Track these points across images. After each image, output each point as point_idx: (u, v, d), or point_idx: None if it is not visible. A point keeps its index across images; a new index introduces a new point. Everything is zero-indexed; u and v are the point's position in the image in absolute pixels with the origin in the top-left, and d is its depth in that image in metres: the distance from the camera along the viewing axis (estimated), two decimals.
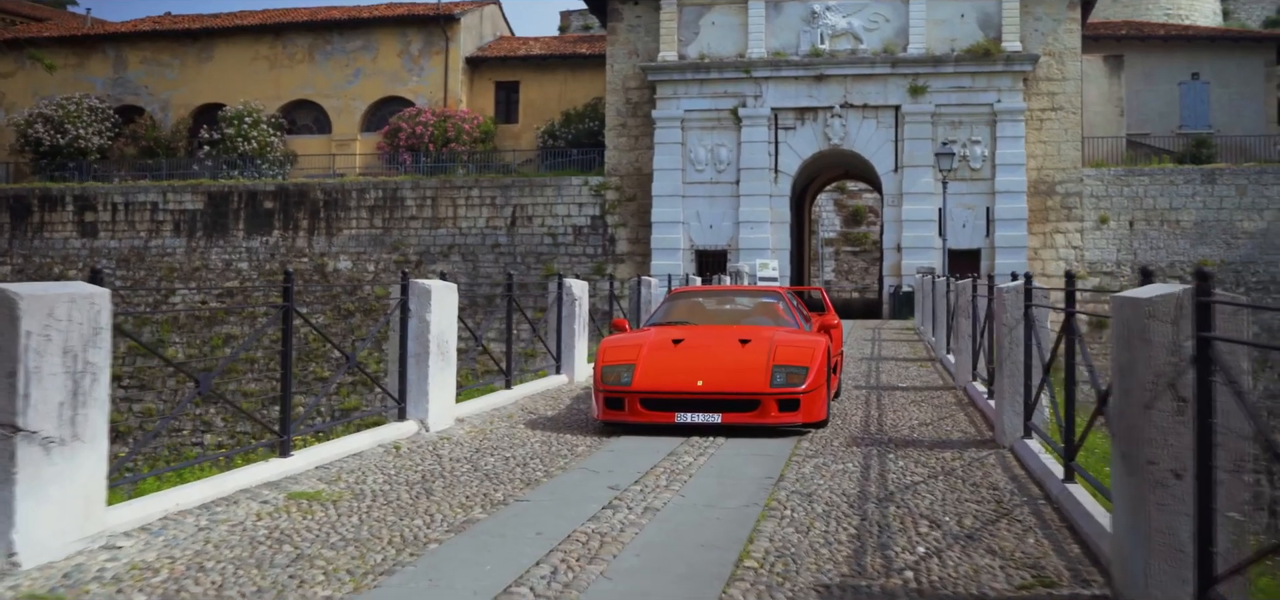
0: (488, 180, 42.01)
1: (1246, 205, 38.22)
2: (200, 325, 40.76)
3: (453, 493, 7.60)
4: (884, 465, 8.82)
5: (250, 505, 6.96)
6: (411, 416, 10.38)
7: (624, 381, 10.65)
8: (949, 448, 9.76)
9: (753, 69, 38.74)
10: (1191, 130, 44.26)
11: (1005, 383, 9.56)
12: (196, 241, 42.88)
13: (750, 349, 11.00)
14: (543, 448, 9.74)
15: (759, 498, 7.41)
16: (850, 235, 61.09)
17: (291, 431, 8.33)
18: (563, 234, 41.05)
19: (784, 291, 14.21)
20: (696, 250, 39.05)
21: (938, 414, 12.17)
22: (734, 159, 39.05)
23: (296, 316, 8.59)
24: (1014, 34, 37.94)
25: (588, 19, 71.05)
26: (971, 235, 37.51)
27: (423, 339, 10.39)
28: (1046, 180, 38.34)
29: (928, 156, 37.78)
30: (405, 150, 44.25)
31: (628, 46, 40.89)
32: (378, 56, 47.24)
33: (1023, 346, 9.43)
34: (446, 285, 10.86)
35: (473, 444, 9.86)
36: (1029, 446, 8.98)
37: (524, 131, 47.23)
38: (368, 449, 9.27)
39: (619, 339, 11.91)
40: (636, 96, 40.65)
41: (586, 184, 41.05)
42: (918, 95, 38.11)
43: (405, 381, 10.38)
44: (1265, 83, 46.03)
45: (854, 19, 38.79)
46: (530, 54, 48.54)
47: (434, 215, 41.73)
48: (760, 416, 10.38)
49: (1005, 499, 7.49)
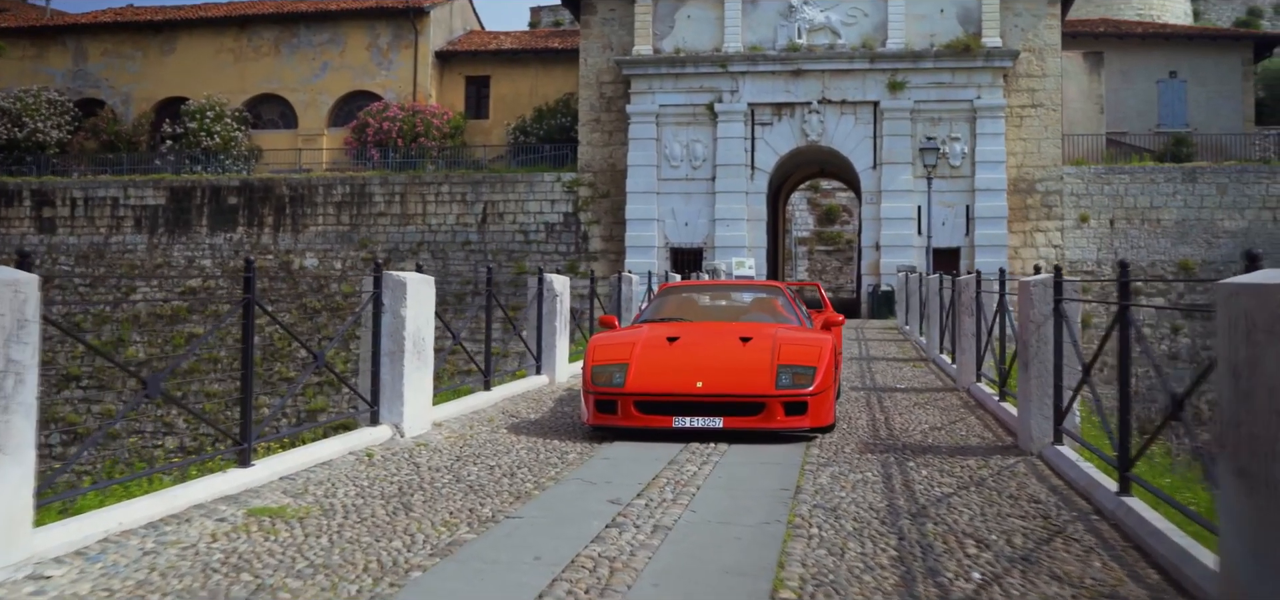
0: (458, 176, 41.09)
1: (1227, 204, 37.81)
2: (162, 324, 39.65)
3: (435, 508, 6.77)
4: (906, 475, 8.05)
5: (205, 524, 6.11)
6: (385, 420, 9.54)
7: (616, 383, 9.80)
8: (970, 454, 9.00)
9: (729, 64, 37.97)
10: (1169, 129, 43.90)
11: (1032, 384, 8.80)
12: (158, 238, 41.76)
13: (752, 348, 10.18)
14: (530, 455, 8.92)
15: (778, 513, 6.61)
16: (824, 234, 60.45)
17: (253, 438, 7.48)
18: (535, 231, 40.18)
19: (784, 286, 13.39)
20: (671, 248, 38.25)
21: (947, 417, 11.42)
22: (710, 155, 38.26)
23: (260, 311, 7.74)
24: (994, 29, 37.34)
25: (558, 15, 70.32)
26: (951, 234, 36.87)
27: (397, 336, 9.55)
28: (1026, 178, 37.76)
29: (907, 153, 37.15)
30: (373, 146, 43.25)
31: (602, 40, 40.06)
32: (345, 50, 46.23)
33: (1053, 344, 8.68)
34: (423, 278, 10.02)
35: (452, 451, 9.03)
36: (1062, 454, 8.23)
37: (495, 127, 46.34)
38: (337, 457, 8.43)
39: (609, 337, 11.03)
40: (610, 91, 39.84)
41: (559, 180, 40.21)
42: (897, 91, 37.45)
43: (378, 383, 9.53)
44: (1242, 81, 45.77)
45: (832, 13, 38.08)
46: (501, 48, 47.65)
47: (403, 212, 40.79)
48: (765, 421, 9.56)
49: (1051, 514, 6.72)
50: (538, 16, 72.30)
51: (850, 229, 58.17)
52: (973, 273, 21.11)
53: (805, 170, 46.11)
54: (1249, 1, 77.36)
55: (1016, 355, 9.36)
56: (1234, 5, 77.36)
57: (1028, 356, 8.89)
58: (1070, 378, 8.64)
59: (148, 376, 6.08)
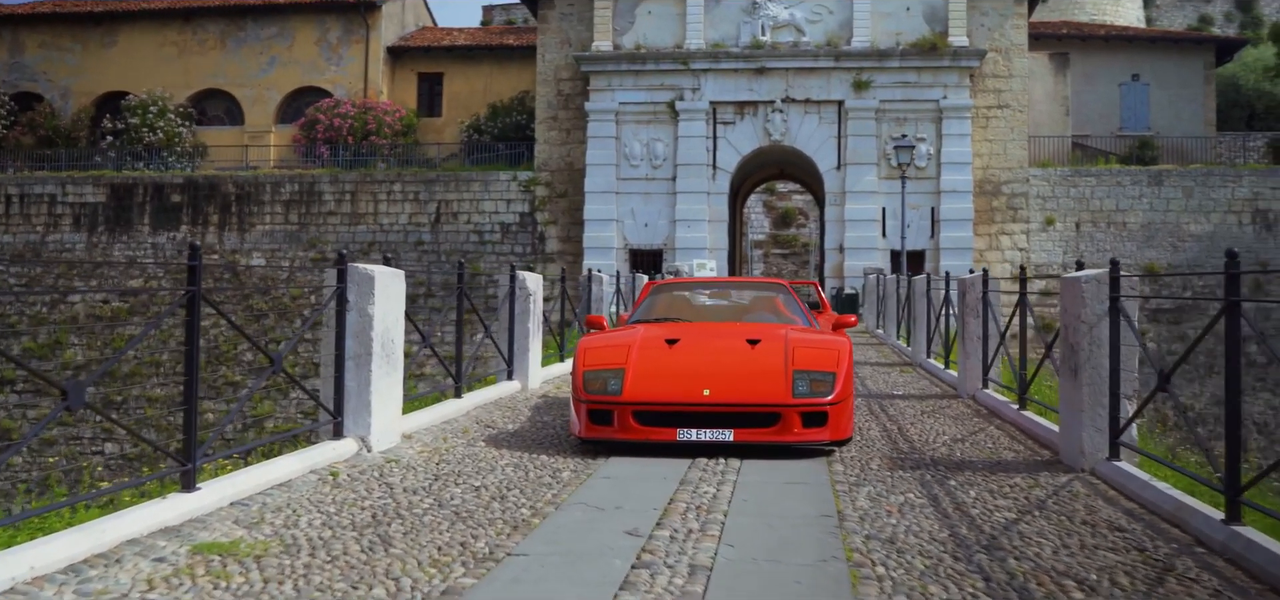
0: (410, 175, 39.87)
1: (1193, 208, 37.37)
2: (102, 326, 38.10)
3: (418, 542, 5.67)
4: (953, 496, 7.05)
5: (139, 565, 4.98)
6: (350, 433, 8.41)
7: (612, 391, 8.69)
8: (1011, 471, 8.01)
9: (691, 61, 36.99)
10: (1131, 132, 43.47)
11: (1083, 393, 7.82)
12: (98, 236, 40.19)
13: (762, 351, 9.10)
14: (518, 473, 7.82)
15: (832, 548, 5.57)
16: (779, 237, 59.54)
17: (198, 457, 6.35)
18: (490, 231, 39.03)
19: (787, 284, 12.33)
20: (630, 249, 37.20)
21: (963, 427, 10.45)
22: (671, 154, 37.26)
23: (207, 308, 6.61)
24: (961, 29, 36.61)
25: (512, 13, 69.17)
26: (916, 235, 36.05)
27: (364, 338, 8.44)
28: (992, 180, 37.08)
29: (871, 154, 36.37)
30: (323, 143, 41.90)
31: (559, 36, 38.97)
32: (294, 45, 44.82)
33: (1109, 348, 7.73)
34: (392, 272, 8.92)
35: (428, 469, 7.92)
36: (1125, 471, 7.27)
37: (448, 125, 45.12)
38: (297, 477, 7.30)
39: (600, 339, 9.89)
40: (568, 88, 38.76)
41: (515, 179, 39.07)
42: (861, 90, 36.63)
43: (342, 390, 8.40)
44: (1204, 85, 45.41)
45: (796, 11, 37.19)
46: (454, 45, 46.43)
47: (353, 211, 39.50)
48: (780, 433, 8.49)
49: (1145, 546, 5.72)
50: (490, 14, 71.10)
51: (806, 232, 57.40)
52: (939, 275, 20.32)
53: (765, 172, 45.23)
54: (1201, 8, 77.58)
55: (1021, 357, 8.35)
56: (1186, 12, 77.54)
57: (1078, 361, 7.91)
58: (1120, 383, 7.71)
59: (68, 384, 4.95)
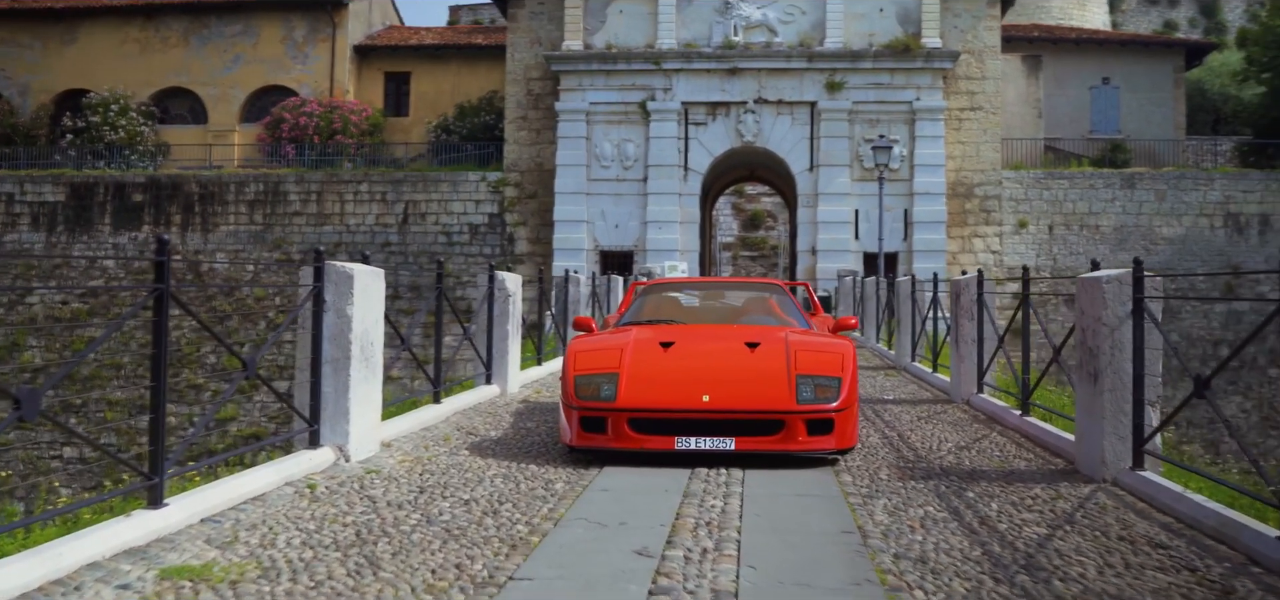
0: (377, 175, 39.25)
1: (1165, 211, 37.28)
2: (61, 328, 37.27)
3: (410, 564, 5.18)
4: (974, 508, 6.63)
5: (101, 592, 4.47)
6: (327, 441, 7.90)
7: (605, 397, 8.22)
8: (1027, 481, 7.60)
9: (662, 61, 36.56)
10: (1102, 135, 43.42)
11: (1104, 400, 7.42)
12: (57, 236, 39.34)
13: (762, 354, 8.65)
14: (508, 485, 7.34)
15: (862, 569, 5.13)
16: (748, 239, 59.14)
17: (166, 470, 5.84)
18: (458, 232, 38.47)
19: (783, 284, 11.88)
20: (601, 251, 36.71)
21: (964, 434, 10.04)
22: (642, 155, 36.80)
23: (175, 307, 6.10)
24: (934, 30, 36.34)
25: (479, 13, 68.55)
26: (890, 238, 35.61)
27: (342, 340, 7.94)
28: (965, 182, 36.84)
29: (844, 155, 36.05)
30: (288, 142, 41.19)
31: (530, 35, 38.45)
32: (259, 43, 44.10)
33: (1131, 352, 7.33)
34: (371, 271, 8.44)
35: (412, 481, 7.43)
36: (1154, 482, 6.87)
37: (415, 125, 44.52)
38: (272, 490, 6.80)
39: (591, 342, 9.39)
40: (539, 88, 38.24)
41: (484, 180, 38.52)
42: (835, 92, 36.29)
43: (319, 396, 7.89)
44: (1173, 89, 45.45)
45: (769, 11, 36.82)
46: (422, 44, 45.83)
47: (319, 211, 38.84)
48: (784, 442, 8.05)
49: (1194, 564, 5.31)
50: (457, 14, 70.46)
51: (775, 234, 57.07)
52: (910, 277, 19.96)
53: (735, 173, 44.84)
54: (1166, 13, 77.80)
55: (1023, 361, 7.93)
56: (1151, 17, 77.74)
57: (1098, 366, 7.51)
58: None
59: (21, 392, 4.44)
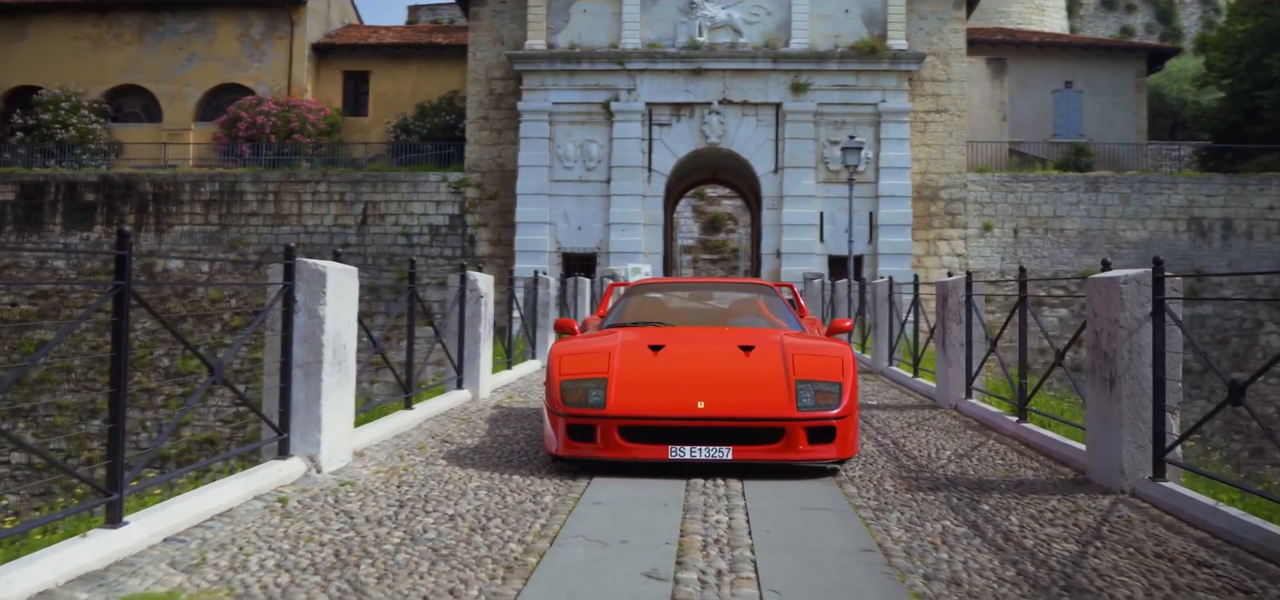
0: (336, 175, 38.60)
1: (1129, 214, 37.26)
2: (9, 331, 36.39)
3: (397, 589, 4.74)
4: (995, 523, 6.27)
5: None
6: (297, 451, 7.45)
7: (593, 403, 7.80)
8: (1042, 492, 7.25)
9: (626, 61, 36.16)
10: (1064, 138, 43.43)
11: (1122, 407, 7.08)
12: (6, 236, 38.45)
13: (758, 359, 8.25)
14: (493, 498, 6.90)
15: (894, 594, 4.75)
16: (709, 242, 58.75)
17: (126, 485, 5.37)
18: (418, 234, 37.89)
19: (773, 285, 11.46)
20: (563, 253, 36.23)
21: (960, 441, 9.70)
22: (605, 156, 36.37)
23: (136, 306, 5.63)
24: (900, 32, 36.15)
25: (438, 13, 67.85)
26: (855, 240, 35.40)
27: (314, 342, 7.49)
28: (930, 185, 36.67)
29: (809, 157, 35.78)
30: (245, 142, 40.50)
31: (492, 34, 37.95)
32: (215, 40, 43.35)
33: (1151, 356, 7.00)
34: (344, 269, 7.99)
35: (390, 493, 6.98)
36: (1180, 494, 6.54)
37: (374, 125, 43.92)
38: (240, 504, 6.33)
39: (576, 345, 8.95)
40: (501, 87, 37.75)
41: (445, 181, 37.97)
42: (800, 93, 36.01)
43: (289, 403, 7.43)
44: (1135, 93, 45.54)
45: (734, 11, 36.51)
46: (382, 43, 45.24)
47: (277, 212, 38.15)
48: (784, 451, 7.66)
49: (1247, 585, 4.96)
50: (416, 14, 69.70)
51: (736, 237, 56.75)
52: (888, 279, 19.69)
53: (697, 175, 44.50)
54: (1123, 19, 78.15)
55: (1020, 366, 7.58)
56: (1109, 23, 78.08)
57: (1115, 371, 7.18)
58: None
59: None
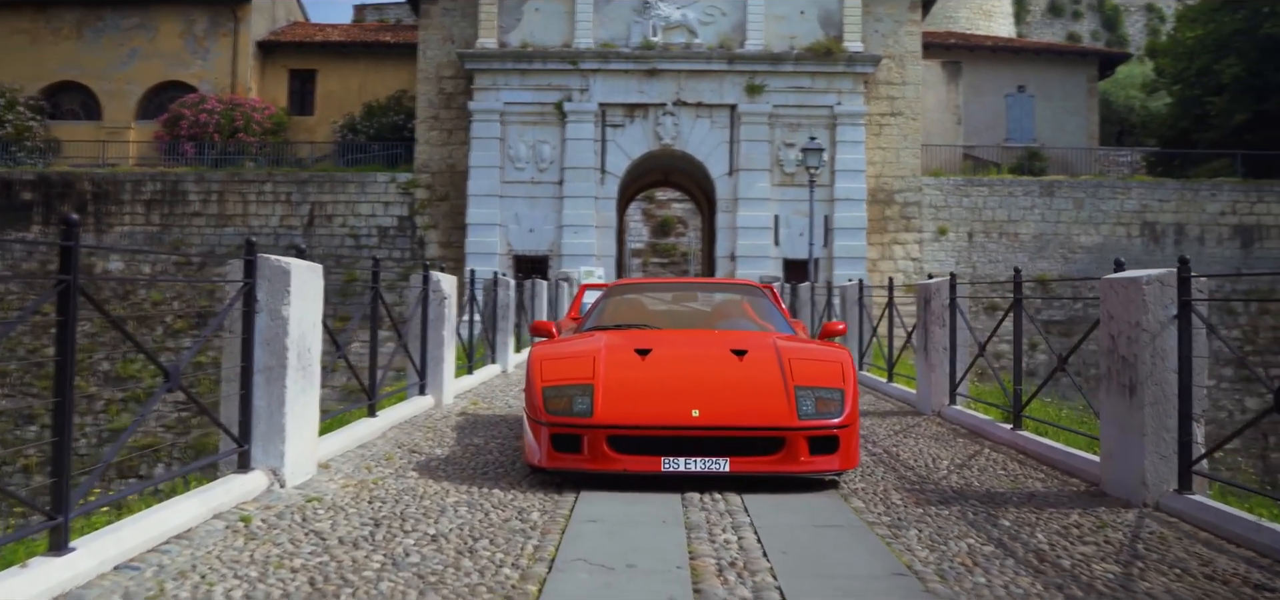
0: (282, 175, 37.74)
1: (1083, 219, 37.23)
2: None
3: None
4: (1022, 541, 5.79)
5: None
6: (258, 464, 6.84)
7: (579, 411, 7.23)
8: (1059, 506, 6.77)
9: (579, 60, 35.62)
10: (1017, 143, 43.39)
11: (1146, 415, 6.64)
12: None
13: (752, 363, 7.73)
14: (475, 515, 6.31)
15: None
16: (659, 246, 58.35)
17: (71, 506, 4.76)
18: (366, 235, 37.13)
19: (762, 286, 10.88)
20: (515, 255, 35.60)
21: (953, 450, 9.24)
22: (558, 157, 35.81)
23: (85, 304, 5.04)
24: (855, 34, 35.86)
25: (384, 13, 66.90)
26: (808, 244, 35.07)
27: (277, 346, 6.88)
28: (885, 188, 36.42)
29: (764, 160, 35.41)
30: (187, 140, 39.53)
31: (442, 32, 37.28)
32: (157, 36, 42.33)
33: (1176, 361, 6.57)
34: (309, 266, 7.38)
35: (361, 510, 6.38)
36: (1215, 508, 6.10)
37: (320, 124, 43.08)
38: (199, 524, 5.72)
39: (557, 349, 8.38)
40: (451, 87, 37.09)
41: (394, 181, 37.25)
42: (755, 95, 35.62)
43: (250, 411, 6.83)
44: (1087, 98, 45.63)
45: (689, 11, 36.06)
46: (328, 41, 44.43)
47: (221, 212, 37.22)
48: (784, 462, 7.13)
49: None
50: (362, 13, 68.71)
51: (685, 241, 56.42)
52: (835, 284, 19.36)
53: (650, 177, 44.03)
54: (1069, 26, 78.67)
55: (1015, 370, 7.13)
56: (1055, 29, 78.56)
57: (1136, 377, 6.73)
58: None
59: None
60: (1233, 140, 40.70)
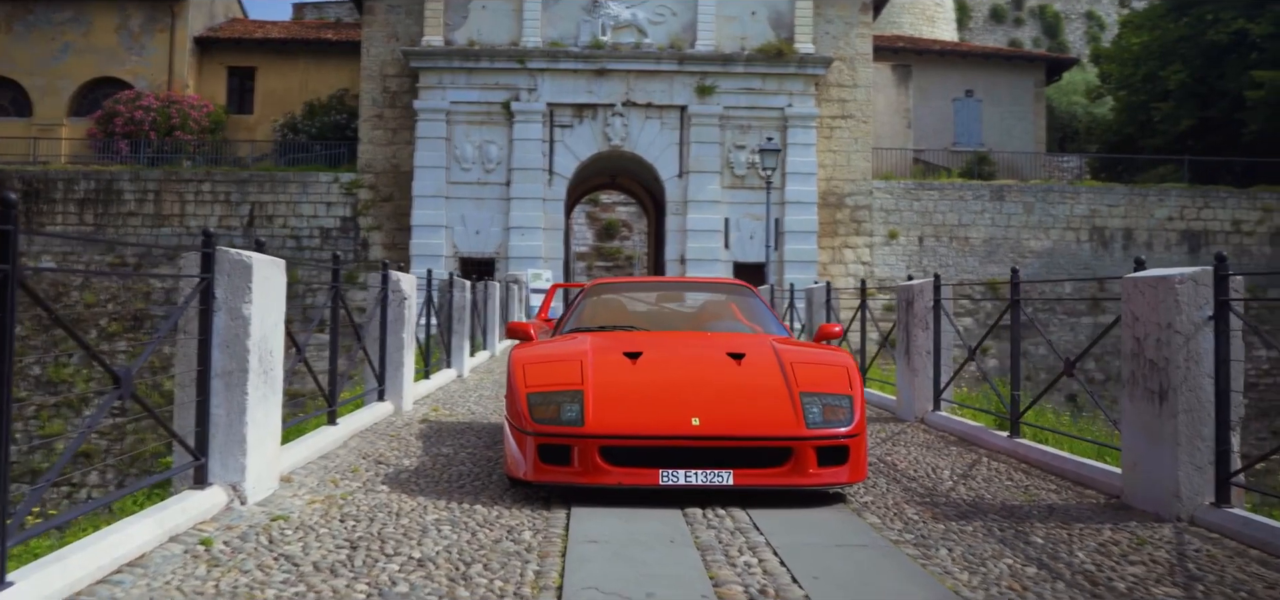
0: (221, 174, 36.80)
1: (1033, 224, 37.15)
2: None
3: None
4: (1066, 560, 5.30)
5: None
6: (217, 478, 6.19)
7: (569, 419, 6.61)
8: (1088, 520, 6.27)
9: (527, 59, 35.00)
10: (965, 147, 43.33)
11: (1178, 423, 6.18)
12: None
13: (752, 368, 7.17)
14: (463, 537, 5.70)
15: None
16: (603, 249, 57.74)
17: (9, 532, 4.12)
18: (308, 236, 36.28)
19: (751, 288, 10.26)
20: (460, 257, 34.89)
21: (952, 459, 8.74)
22: (505, 158, 35.15)
23: (24, 298, 4.41)
24: (807, 35, 35.53)
25: (324, 11, 65.81)
26: (760, 247, 34.65)
27: (237, 348, 6.26)
28: (836, 192, 36.11)
29: (715, 162, 34.98)
30: (123, 138, 38.45)
31: (387, 29, 36.49)
32: (91, 31, 41.19)
33: (1211, 365, 6.13)
34: (271, 261, 6.77)
35: (334, 530, 5.76)
36: (1258, 522, 5.65)
37: (260, 123, 42.15)
38: (153, 548, 5.09)
39: (540, 352, 7.74)
40: (396, 85, 36.32)
41: (337, 181, 36.41)
42: (705, 96, 35.18)
43: (208, 421, 6.20)
44: (1034, 103, 45.67)
45: (639, 11, 35.55)
46: (268, 38, 43.47)
47: (157, 212, 36.19)
48: (792, 475, 6.55)
49: None
50: (302, 11, 67.54)
51: (630, 244, 55.88)
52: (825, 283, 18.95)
53: (597, 179, 43.46)
54: (1011, 32, 79.06)
55: (1012, 375, 6.67)
56: (997, 36, 78.92)
57: (1167, 382, 6.28)
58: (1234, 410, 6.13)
59: None
60: (1177, 146, 40.90)
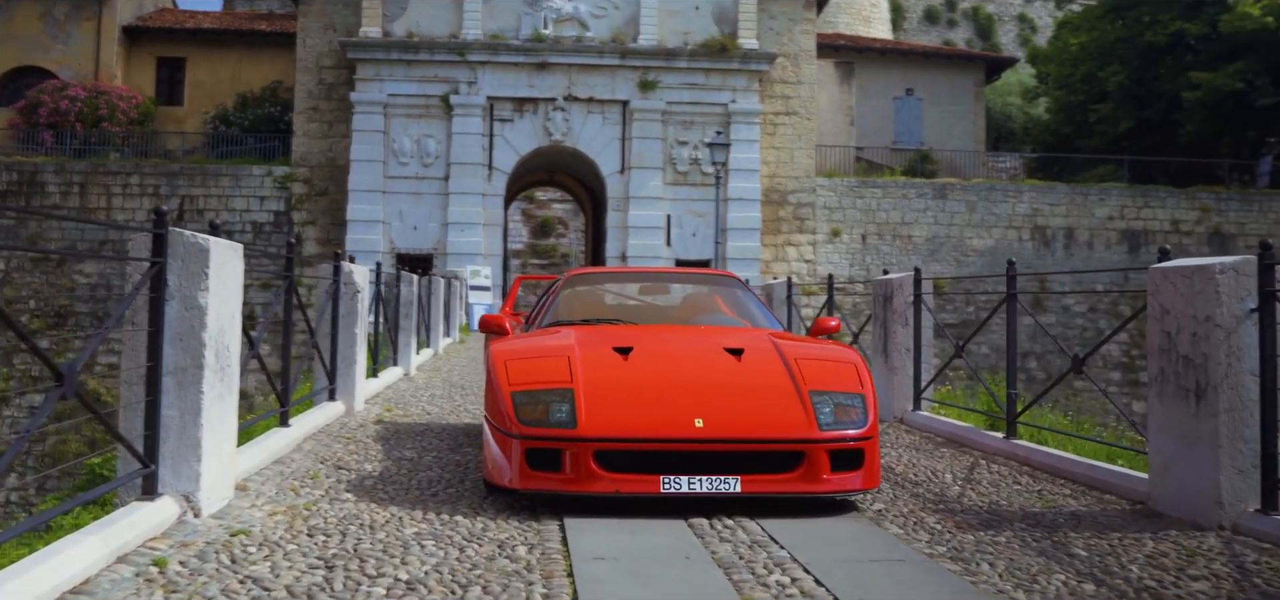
0: (150, 166, 35.73)
1: (975, 222, 37.09)
2: None
3: None
4: (1115, 571, 4.84)
5: None
6: (168, 488, 5.54)
7: (559, 421, 6.02)
8: (1126, 530, 5.80)
9: (467, 52, 34.30)
10: (905, 146, 43.18)
11: (1219, 424, 5.76)
12: None
13: (753, 365, 6.64)
14: (450, 553, 5.10)
15: None
16: (538, 247, 57.02)
17: None
18: (240, 231, 35.26)
19: (741, 279, 9.66)
20: (398, 253, 34.08)
21: (949, 462, 8.28)
22: (443, 152, 34.45)
23: None
24: (750, 31, 35.16)
25: (255, 3, 64.49)
26: (702, 244, 34.24)
27: (192, 343, 5.62)
28: (779, 189, 35.79)
29: (657, 158, 34.54)
30: (46, 129, 37.19)
31: (323, 20, 35.60)
32: (14, 19, 39.85)
33: (1255, 362, 5.70)
34: (229, 245, 6.12)
35: (304, 547, 5.14)
36: None
37: (191, 115, 41.00)
38: (99, 571, 4.43)
39: (523, 347, 7.12)
40: (332, 77, 35.44)
41: (270, 175, 35.48)
42: (648, 91, 34.70)
43: (158, 424, 5.55)
44: (974, 103, 45.66)
45: (581, 5, 34.97)
46: (199, 28, 42.34)
47: (83, 205, 35.04)
48: (805, 481, 6.01)
49: None
50: (232, 2, 66.10)
51: (566, 242, 55.31)
52: (787, 279, 18.57)
53: (537, 175, 42.84)
54: (945, 34, 79.43)
55: (1009, 375, 6.22)
56: (931, 37, 79.25)
57: (1206, 380, 5.85)
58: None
59: None
60: (1114, 147, 41.06)
